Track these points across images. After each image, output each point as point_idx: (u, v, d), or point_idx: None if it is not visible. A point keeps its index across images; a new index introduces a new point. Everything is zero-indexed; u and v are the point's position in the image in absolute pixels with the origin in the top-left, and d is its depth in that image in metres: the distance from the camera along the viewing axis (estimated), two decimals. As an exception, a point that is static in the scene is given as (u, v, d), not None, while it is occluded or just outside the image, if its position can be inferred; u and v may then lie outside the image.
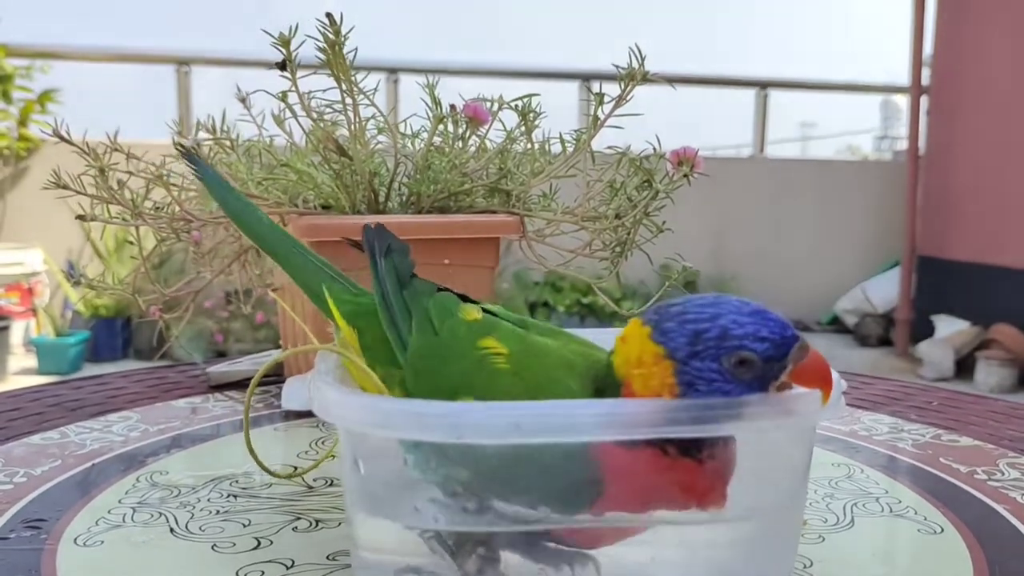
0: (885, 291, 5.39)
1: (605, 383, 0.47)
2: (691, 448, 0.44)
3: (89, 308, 4.56)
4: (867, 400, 0.99)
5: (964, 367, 4.47)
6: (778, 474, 0.51)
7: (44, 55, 5.07)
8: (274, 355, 1.08)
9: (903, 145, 6.02)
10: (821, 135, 6.62)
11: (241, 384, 1.02)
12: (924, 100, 5.27)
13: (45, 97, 4.83)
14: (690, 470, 0.44)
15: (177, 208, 0.80)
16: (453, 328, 0.52)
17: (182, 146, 0.64)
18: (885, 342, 5.34)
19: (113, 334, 4.63)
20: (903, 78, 5.44)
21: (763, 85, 6.12)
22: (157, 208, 0.82)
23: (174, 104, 5.29)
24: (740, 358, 0.43)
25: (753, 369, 0.43)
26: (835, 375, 0.48)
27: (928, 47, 5.26)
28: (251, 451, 0.66)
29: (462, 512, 0.46)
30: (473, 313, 0.53)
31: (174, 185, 0.84)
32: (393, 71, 5.37)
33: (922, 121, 5.26)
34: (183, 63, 5.33)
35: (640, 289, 4.80)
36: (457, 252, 0.88)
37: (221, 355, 4.13)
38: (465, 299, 0.55)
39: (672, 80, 0.97)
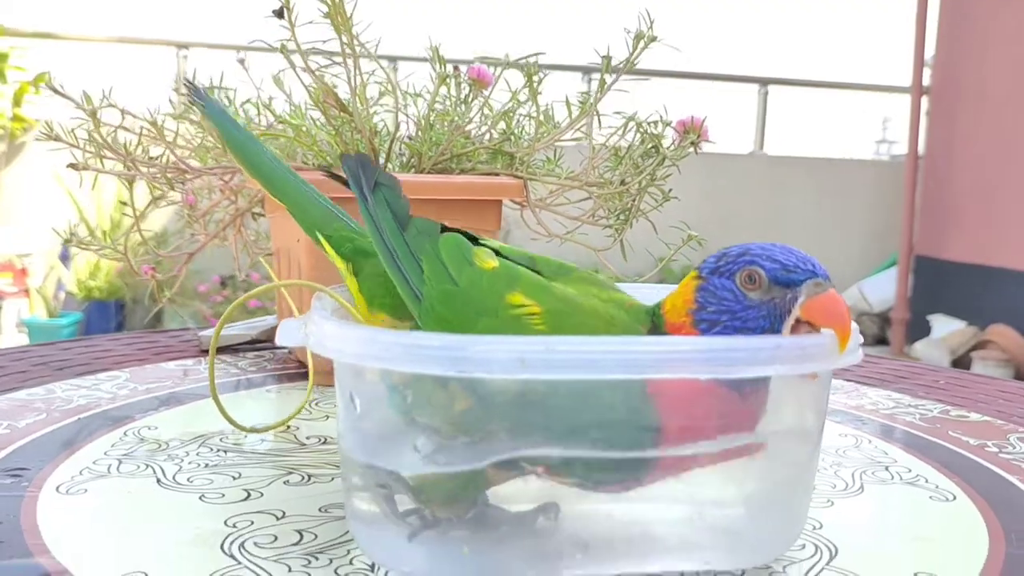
0: (882, 290, 5.38)
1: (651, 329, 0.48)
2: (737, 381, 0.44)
3: (83, 290, 4.52)
4: (873, 377, 0.97)
5: (960, 367, 4.46)
6: (791, 422, 0.49)
7: (42, 36, 5.04)
8: (268, 320, 1.06)
9: (903, 145, 6.01)
10: (821, 133, 6.61)
11: (233, 349, 1.00)
12: (925, 101, 5.25)
13: (40, 79, 4.79)
14: (735, 401, 0.44)
15: (171, 157, 0.78)
16: (473, 279, 0.49)
17: (189, 82, 0.62)
18: (881, 341, 5.33)
19: (106, 316, 4.60)
20: (905, 79, 5.43)
21: (764, 82, 6.10)
22: (151, 159, 0.79)
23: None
24: (749, 272, 0.44)
25: (761, 288, 0.44)
26: (854, 324, 0.46)
27: (930, 49, 5.25)
28: (216, 399, 0.65)
29: (462, 450, 0.44)
30: (489, 261, 0.51)
31: (167, 139, 0.81)
32: (393, 59, 5.34)
33: (922, 122, 5.25)
34: (182, 47, 5.31)
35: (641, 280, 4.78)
36: (458, 214, 0.85)
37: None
38: (470, 238, 0.53)
39: (675, 75, 0.96)
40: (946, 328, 4.66)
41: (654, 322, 0.48)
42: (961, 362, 4.43)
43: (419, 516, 0.45)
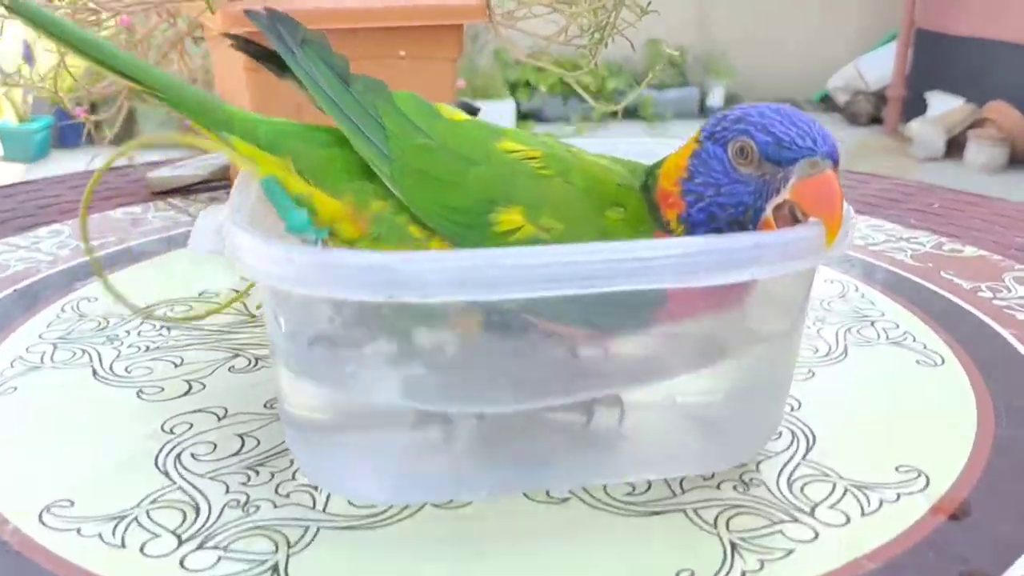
0: (880, 67, 5.20)
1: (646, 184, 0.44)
2: None
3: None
4: (862, 202, 0.91)
5: (954, 146, 4.38)
6: (770, 317, 0.45)
7: None
8: (223, 158, 0.99)
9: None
10: None
11: (184, 190, 0.94)
12: None
13: None
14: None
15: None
16: (449, 131, 0.44)
17: None
18: (876, 121, 5.22)
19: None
20: None
21: None
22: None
23: None
24: (741, 144, 0.40)
25: (751, 163, 0.40)
26: (847, 208, 0.40)
27: None
28: (103, 279, 0.57)
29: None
30: (456, 113, 0.46)
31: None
32: None
33: None
34: None
35: (625, 66, 4.60)
36: (413, 42, 0.77)
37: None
38: None
39: None
40: (943, 106, 4.54)
41: (648, 183, 0.43)
42: (956, 141, 4.35)
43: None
